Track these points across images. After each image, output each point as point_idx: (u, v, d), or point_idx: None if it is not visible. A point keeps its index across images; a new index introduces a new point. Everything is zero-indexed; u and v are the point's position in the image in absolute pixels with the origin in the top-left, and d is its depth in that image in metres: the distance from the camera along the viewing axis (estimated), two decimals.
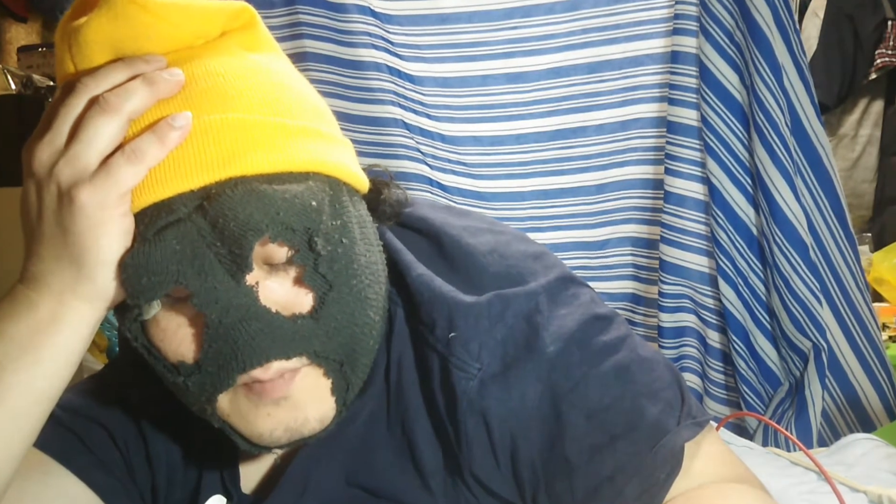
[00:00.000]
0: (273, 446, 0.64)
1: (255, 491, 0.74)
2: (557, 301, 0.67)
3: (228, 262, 0.57)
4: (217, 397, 0.61)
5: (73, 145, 0.56)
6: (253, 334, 0.58)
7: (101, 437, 0.74)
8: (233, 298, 0.57)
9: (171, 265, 0.56)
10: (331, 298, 0.60)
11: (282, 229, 0.57)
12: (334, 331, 0.61)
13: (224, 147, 0.57)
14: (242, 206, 0.56)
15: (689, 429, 0.65)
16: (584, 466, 0.63)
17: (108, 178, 0.56)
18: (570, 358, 0.65)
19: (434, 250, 0.72)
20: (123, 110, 0.57)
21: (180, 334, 0.60)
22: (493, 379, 0.65)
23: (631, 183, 1.57)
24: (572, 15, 1.53)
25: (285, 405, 0.62)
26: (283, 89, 0.63)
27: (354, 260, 0.62)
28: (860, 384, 1.45)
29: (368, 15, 1.54)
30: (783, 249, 1.38)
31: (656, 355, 0.69)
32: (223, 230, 0.56)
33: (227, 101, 0.59)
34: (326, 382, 0.63)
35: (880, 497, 0.93)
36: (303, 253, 0.59)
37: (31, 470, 0.70)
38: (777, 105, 1.36)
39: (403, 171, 1.58)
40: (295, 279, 0.61)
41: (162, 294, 0.57)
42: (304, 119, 0.62)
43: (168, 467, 0.75)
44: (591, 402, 0.64)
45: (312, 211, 0.59)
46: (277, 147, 0.59)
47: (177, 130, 0.56)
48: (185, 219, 0.57)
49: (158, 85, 0.58)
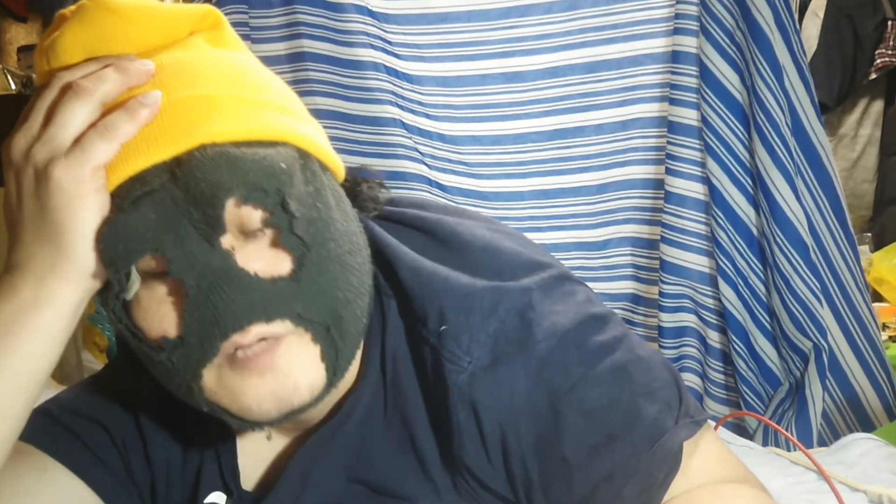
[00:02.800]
0: (264, 421, 0.62)
1: (255, 489, 0.74)
2: (551, 298, 0.67)
3: (202, 225, 0.58)
4: (202, 373, 0.61)
5: (48, 129, 0.58)
6: (232, 296, 0.58)
7: (99, 436, 0.73)
8: (209, 262, 0.58)
9: (146, 233, 0.57)
10: (309, 260, 0.60)
11: (252, 190, 0.58)
12: (316, 293, 0.61)
13: (192, 117, 0.59)
14: (212, 168, 0.57)
15: (687, 428, 0.65)
16: (582, 467, 0.63)
17: (83, 154, 0.57)
18: (568, 358, 0.65)
19: (429, 244, 0.71)
20: (95, 94, 0.58)
21: (162, 310, 0.60)
22: (484, 372, 0.64)
23: (631, 183, 1.57)
24: (570, 14, 1.53)
25: (272, 375, 0.61)
26: (251, 73, 0.65)
27: (331, 224, 0.63)
28: (860, 384, 1.45)
29: (366, 14, 1.54)
30: (784, 250, 1.38)
31: (654, 354, 0.69)
32: (195, 193, 0.57)
33: (195, 80, 0.61)
34: (315, 349, 0.62)
35: (880, 497, 0.93)
36: (277, 215, 0.60)
37: (29, 467, 0.70)
38: (777, 105, 1.36)
39: (402, 171, 1.58)
40: (271, 242, 0.61)
41: (138, 260, 0.58)
42: (273, 97, 0.64)
43: (167, 466, 0.74)
44: (588, 403, 0.64)
45: (282, 173, 0.60)
46: (246, 117, 0.61)
47: (147, 107, 0.58)
48: (158, 189, 0.58)
49: (129, 72, 0.60)
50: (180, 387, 0.62)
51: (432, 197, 1.58)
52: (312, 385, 0.62)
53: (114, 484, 0.73)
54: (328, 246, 0.62)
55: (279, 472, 0.71)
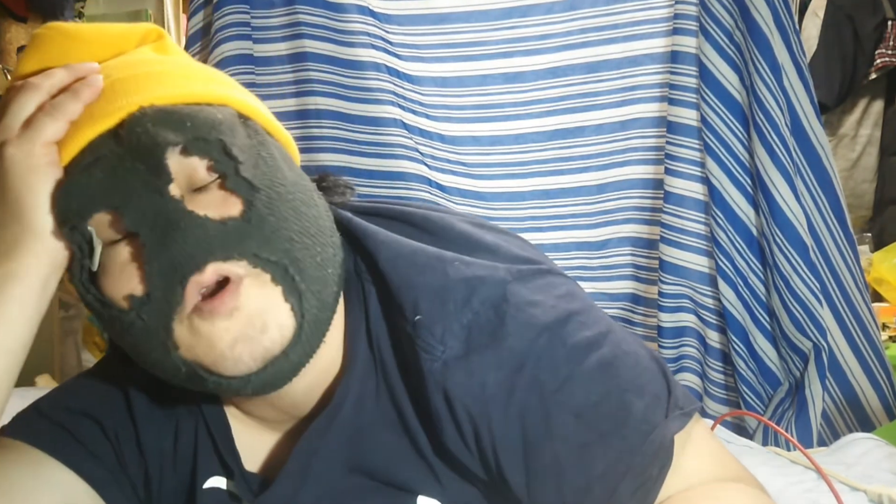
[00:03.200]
0: (241, 371, 0.63)
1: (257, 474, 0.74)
2: (528, 290, 0.67)
3: (149, 176, 0.61)
4: (173, 326, 0.62)
5: (0, 121, 0.63)
6: (185, 237, 0.60)
7: (91, 429, 0.74)
8: (160, 210, 0.61)
9: (97, 191, 0.62)
10: (259, 200, 0.63)
11: (192, 138, 0.62)
12: (270, 233, 0.63)
13: (134, 89, 0.64)
14: (152, 123, 0.62)
15: (678, 420, 0.65)
16: (575, 466, 0.63)
17: (32, 131, 0.62)
18: (554, 355, 0.65)
19: (412, 233, 0.72)
20: (43, 86, 0.64)
21: (126, 272, 0.63)
22: (457, 362, 0.65)
23: (631, 183, 1.57)
24: (571, 15, 1.53)
25: (238, 316, 0.62)
26: (192, 62, 0.72)
27: (278, 171, 0.66)
28: (859, 384, 1.45)
29: (367, 15, 1.55)
30: (783, 250, 1.38)
31: (640, 348, 0.69)
32: (137, 147, 0.61)
33: (137, 65, 0.67)
34: (276, 289, 0.63)
35: (880, 496, 0.93)
36: (221, 162, 0.63)
37: (23, 464, 0.70)
38: (777, 105, 1.36)
39: (402, 171, 1.58)
40: (219, 187, 0.63)
41: (91, 214, 0.62)
42: (216, 76, 0.71)
43: (160, 454, 0.75)
44: (578, 401, 0.64)
45: (220, 123, 0.64)
46: (184, 84, 0.66)
47: (89, 87, 0.64)
48: (107, 154, 0.62)
49: (76, 67, 0.65)
50: (156, 349, 0.63)
51: (432, 198, 1.58)
52: (281, 325, 0.63)
53: (108, 476, 0.74)
54: (277, 189, 0.64)
55: (276, 462, 0.72)
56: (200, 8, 1.65)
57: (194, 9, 1.66)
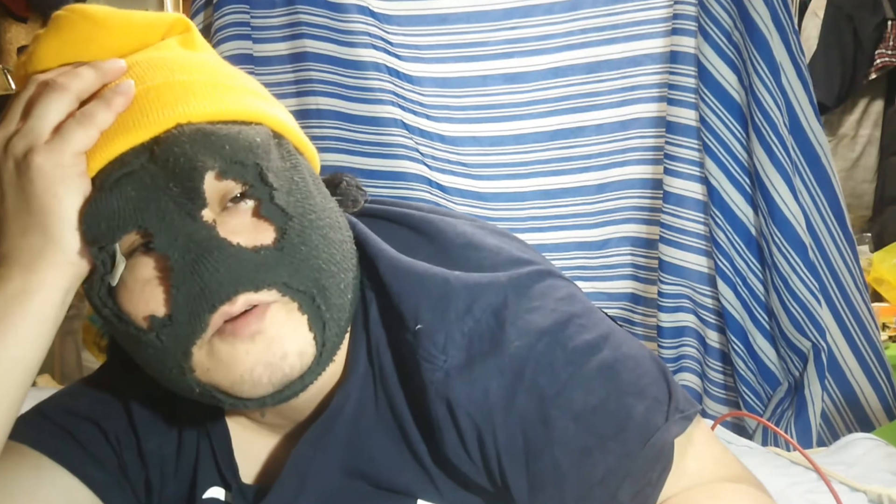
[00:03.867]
0: (257, 394, 0.62)
1: (252, 483, 0.74)
2: (529, 295, 0.67)
3: (183, 199, 0.59)
4: (192, 350, 0.61)
5: (26, 122, 0.60)
6: (217, 266, 0.58)
7: (92, 434, 0.74)
8: (192, 235, 0.59)
9: (128, 210, 0.59)
10: (291, 229, 0.62)
11: (230, 163, 0.60)
12: (300, 262, 0.62)
13: (169, 100, 0.61)
14: (190, 144, 0.59)
15: (678, 423, 0.64)
16: (575, 471, 0.63)
17: (62, 140, 0.59)
18: (554, 359, 0.64)
19: (411, 238, 0.72)
20: (72, 88, 0.61)
21: (148, 290, 0.61)
22: (459, 371, 0.64)
23: (630, 183, 1.57)
24: (571, 15, 1.53)
25: (261, 340, 0.61)
26: (222, 65, 0.69)
27: (310, 197, 0.64)
28: (859, 384, 1.45)
29: (368, 15, 1.55)
30: (782, 250, 1.38)
31: (640, 350, 0.69)
32: (174, 168, 0.59)
33: (169, 70, 0.64)
34: (302, 318, 0.63)
35: (880, 497, 0.93)
36: (256, 187, 0.61)
37: (24, 467, 0.70)
38: (775, 105, 1.36)
39: (402, 171, 1.58)
40: (253, 213, 0.62)
41: (121, 236, 0.60)
42: (245, 83, 0.68)
43: (161, 461, 0.75)
44: (577, 405, 0.63)
45: (258, 146, 0.62)
46: (220, 99, 0.63)
47: (122, 95, 0.61)
48: (138, 169, 0.59)
49: (104, 68, 0.62)
50: (171, 370, 0.63)
51: (432, 198, 1.58)
52: (302, 353, 0.63)
53: (109, 480, 0.73)
54: (309, 216, 0.63)
55: (274, 467, 0.72)
56: (201, 10, 1.65)
57: (195, 10, 1.66)
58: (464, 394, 0.64)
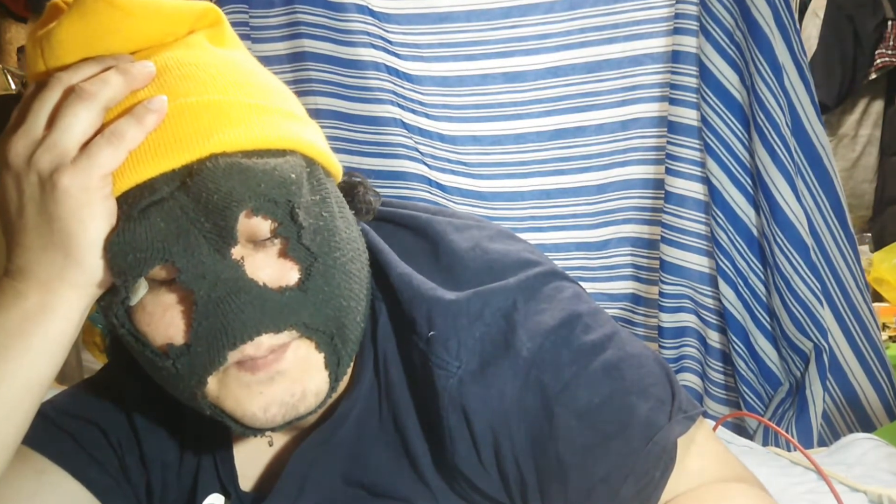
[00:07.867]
0: (268, 427, 0.63)
1: (252, 490, 0.74)
2: (537, 297, 0.67)
3: (213, 236, 0.57)
4: (207, 379, 0.60)
5: (51, 134, 0.57)
6: (242, 307, 0.58)
7: (94, 437, 0.74)
8: (220, 273, 0.58)
9: (156, 242, 0.57)
10: (316, 270, 0.61)
11: (264, 201, 0.58)
12: (322, 302, 0.61)
13: (202, 125, 0.58)
14: (225, 179, 0.57)
15: (681, 423, 0.65)
16: (578, 468, 0.63)
17: (90, 161, 0.56)
18: (559, 358, 0.65)
19: (419, 245, 0.72)
20: (99, 98, 0.57)
21: (168, 316, 0.60)
22: (473, 377, 0.64)
23: (631, 183, 1.57)
24: (571, 14, 1.53)
25: (280, 380, 0.61)
26: (253, 75, 0.64)
27: (336, 233, 0.63)
28: (860, 384, 1.45)
29: (367, 14, 1.55)
30: (784, 250, 1.38)
31: (644, 350, 0.69)
32: (206, 204, 0.56)
33: (200, 85, 0.60)
34: (319, 356, 0.63)
35: (880, 497, 0.93)
36: (286, 225, 0.59)
37: (26, 470, 0.70)
38: (777, 105, 1.36)
39: (402, 171, 1.58)
40: (279, 252, 0.61)
41: (148, 270, 0.57)
42: (277, 101, 0.64)
43: (162, 466, 0.75)
44: (581, 403, 0.64)
45: (292, 183, 0.59)
46: (254, 124, 0.60)
47: (153, 112, 0.57)
48: (168, 198, 0.57)
49: (132, 74, 0.59)
50: (183, 392, 0.62)
51: (432, 197, 1.58)
52: (318, 392, 0.63)
53: (110, 484, 0.73)
54: (333, 255, 0.62)
55: (276, 474, 0.71)
56: None
57: None
58: (479, 399, 0.64)
